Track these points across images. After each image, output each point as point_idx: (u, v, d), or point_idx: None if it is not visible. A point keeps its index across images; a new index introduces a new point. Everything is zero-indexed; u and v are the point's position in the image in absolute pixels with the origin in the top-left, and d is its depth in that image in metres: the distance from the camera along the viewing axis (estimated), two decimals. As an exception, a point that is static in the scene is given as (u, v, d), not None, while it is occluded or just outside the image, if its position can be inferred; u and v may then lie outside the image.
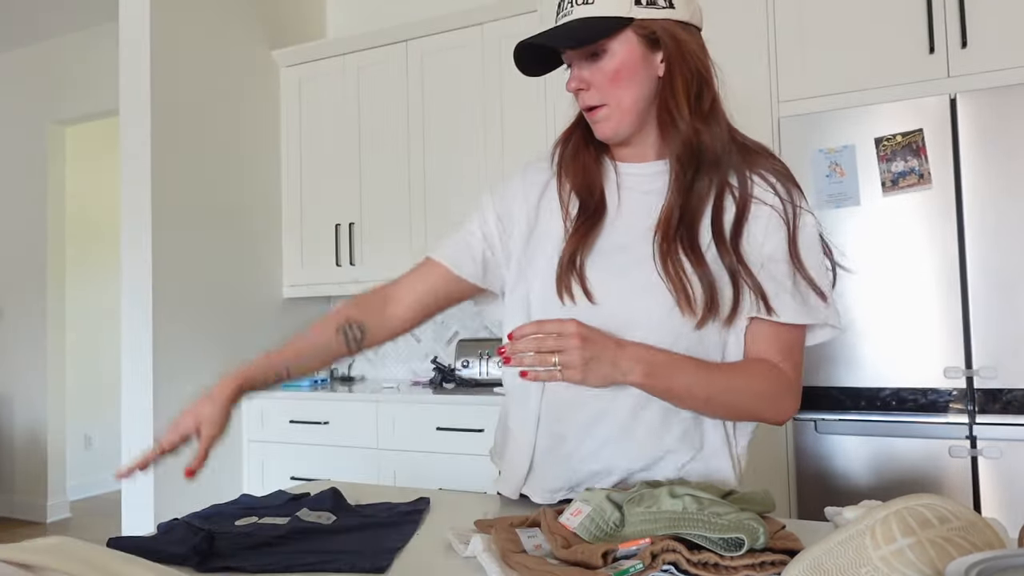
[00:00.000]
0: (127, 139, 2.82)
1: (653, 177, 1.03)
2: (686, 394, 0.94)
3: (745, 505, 0.81)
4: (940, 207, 2.03)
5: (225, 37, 3.12)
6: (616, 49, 0.96)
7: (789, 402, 1.01)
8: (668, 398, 0.95)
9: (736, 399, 0.97)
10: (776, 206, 0.99)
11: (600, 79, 0.97)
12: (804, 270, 0.99)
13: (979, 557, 0.48)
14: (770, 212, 0.98)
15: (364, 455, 2.86)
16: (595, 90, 0.98)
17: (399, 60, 3.13)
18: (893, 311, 2.07)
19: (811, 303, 0.99)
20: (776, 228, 0.98)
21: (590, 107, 0.99)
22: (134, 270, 2.78)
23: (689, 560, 0.69)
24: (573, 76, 0.99)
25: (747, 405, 0.99)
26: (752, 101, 2.35)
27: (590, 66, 0.98)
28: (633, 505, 0.78)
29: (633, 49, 0.97)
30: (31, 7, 4.10)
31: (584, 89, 0.99)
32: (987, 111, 1.99)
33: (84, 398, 4.87)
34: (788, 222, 0.98)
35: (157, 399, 2.74)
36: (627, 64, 0.97)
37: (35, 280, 4.48)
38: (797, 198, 1.00)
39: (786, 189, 1.00)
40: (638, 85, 0.98)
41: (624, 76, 0.97)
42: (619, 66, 0.96)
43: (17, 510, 4.50)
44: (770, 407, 1.00)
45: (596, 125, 1.00)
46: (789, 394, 1.01)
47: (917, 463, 2.02)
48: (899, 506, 0.58)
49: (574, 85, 0.99)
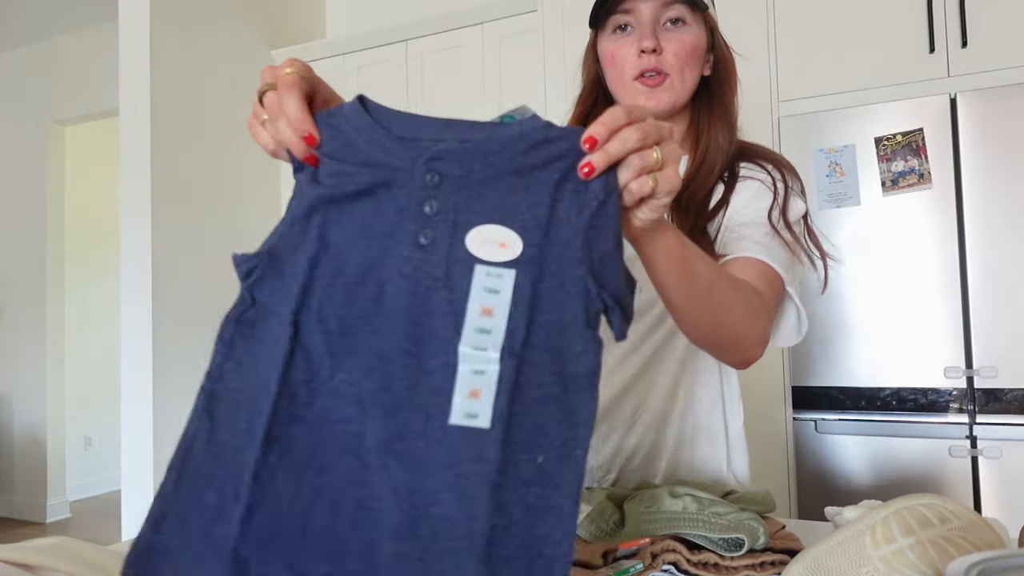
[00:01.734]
0: (127, 139, 2.82)
1: None
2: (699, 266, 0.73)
3: (745, 505, 0.81)
4: (940, 207, 2.03)
5: (225, 37, 3.12)
6: (696, 27, 0.96)
7: (765, 326, 0.86)
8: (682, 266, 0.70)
9: (733, 296, 0.79)
10: (764, 180, 0.97)
11: (678, 48, 0.94)
12: (788, 231, 0.93)
13: (979, 557, 0.48)
14: (757, 184, 0.96)
15: (364, 455, 2.85)
16: (669, 56, 0.94)
17: (399, 60, 3.13)
18: (893, 311, 2.07)
19: (773, 249, 0.91)
20: (761, 195, 0.95)
21: (659, 72, 0.94)
22: (134, 270, 2.78)
23: (689, 560, 0.69)
24: (648, 33, 0.93)
25: (739, 311, 0.81)
26: (752, 101, 2.35)
27: (667, 35, 0.94)
28: (633, 505, 0.78)
29: (704, 35, 0.98)
30: (31, 7, 4.10)
31: (659, 53, 0.94)
32: (987, 111, 1.99)
33: (84, 398, 4.87)
34: (775, 194, 0.95)
35: (157, 399, 2.73)
36: (701, 45, 0.97)
37: (35, 280, 4.48)
38: (790, 180, 0.97)
39: (779, 171, 0.98)
40: (699, 70, 0.98)
41: (696, 56, 0.96)
42: (697, 43, 0.96)
43: (17, 510, 4.50)
44: (753, 324, 0.83)
45: (655, 93, 0.94)
46: (766, 315, 0.87)
47: (917, 463, 2.02)
48: (899, 506, 0.58)
49: (650, 44, 0.93)
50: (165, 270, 2.80)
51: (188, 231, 2.91)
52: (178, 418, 2.79)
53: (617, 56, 0.96)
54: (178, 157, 2.88)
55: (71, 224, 4.73)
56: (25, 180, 4.55)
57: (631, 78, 0.95)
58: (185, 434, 0.55)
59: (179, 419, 2.66)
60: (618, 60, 0.96)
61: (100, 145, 4.98)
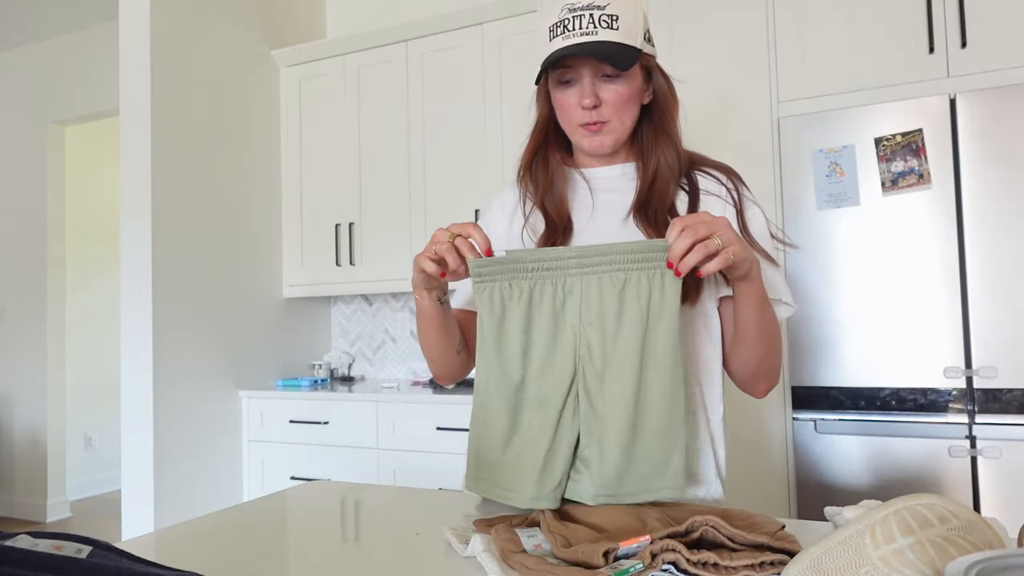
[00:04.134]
0: (127, 139, 2.82)
1: (619, 178, 1.16)
2: (769, 307, 1.02)
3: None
4: (940, 207, 2.03)
5: (225, 37, 3.12)
6: (630, 76, 1.08)
7: (780, 358, 1.11)
8: (756, 307, 1.01)
9: (774, 330, 1.05)
10: (720, 193, 1.11)
11: (614, 99, 1.08)
12: (756, 245, 1.08)
13: (979, 557, 0.48)
14: (715, 199, 1.11)
15: (364, 455, 2.86)
16: (607, 107, 1.08)
17: (399, 60, 3.13)
18: (893, 311, 2.07)
19: (768, 276, 1.06)
20: (723, 210, 1.10)
21: (598, 122, 1.08)
22: (134, 270, 2.79)
23: (689, 560, 0.69)
24: (588, 92, 1.07)
25: (775, 342, 1.06)
26: (752, 101, 2.35)
27: (605, 86, 1.07)
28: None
29: (638, 77, 1.10)
30: (31, 7, 4.11)
31: (598, 106, 1.08)
32: (987, 111, 1.99)
33: (84, 398, 4.88)
34: (735, 204, 1.10)
35: (157, 399, 2.74)
36: (635, 90, 1.10)
37: (35, 280, 4.48)
38: (741, 188, 1.12)
39: (730, 180, 1.13)
40: (636, 108, 1.11)
41: (632, 100, 1.10)
42: (632, 90, 1.09)
43: (17, 510, 4.50)
44: (779, 353, 1.08)
45: (596, 138, 1.10)
46: (781, 349, 1.10)
47: (917, 463, 2.02)
48: (899, 506, 0.58)
49: (590, 102, 1.07)
50: (165, 270, 2.80)
51: (188, 231, 2.91)
52: (178, 418, 2.80)
53: (564, 105, 1.11)
54: (178, 157, 2.88)
55: (71, 224, 4.73)
56: (25, 180, 4.55)
57: (576, 124, 1.10)
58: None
59: (179, 419, 2.69)
60: (565, 108, 1.11)
61: (100, 145, 4.99)
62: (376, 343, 3.53)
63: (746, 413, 2.29)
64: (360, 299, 3.58)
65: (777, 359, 1.09)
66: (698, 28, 2.43)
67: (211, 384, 2.97)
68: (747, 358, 1.07)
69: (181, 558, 0.85)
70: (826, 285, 2.15)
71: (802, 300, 2.17)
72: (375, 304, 3.54)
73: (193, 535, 0.96)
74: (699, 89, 2.39)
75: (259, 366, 3.21)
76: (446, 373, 1.19)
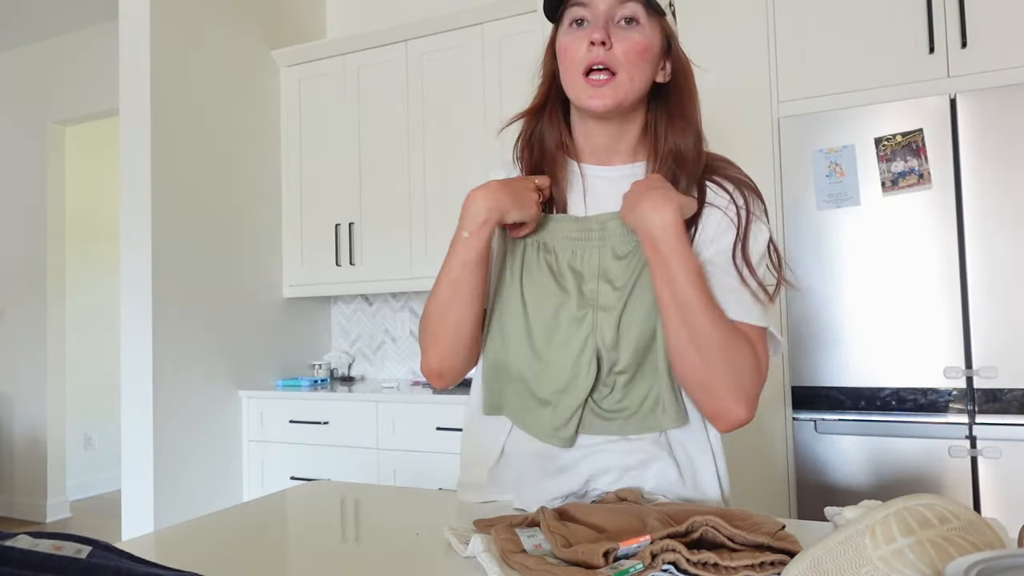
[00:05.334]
0: (127, 139, 2.82)
1: (621, 180, 1.02)
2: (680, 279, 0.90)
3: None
4: (940, 207, 2.03)
5: (225, 37, 3.12)
6: (650, 29, 0.96)
7: (754, 383, 0.93)
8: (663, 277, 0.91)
9: (714, 334, 0.90)
10: (728, 209, 0.98)
11: (628, 47, 0.95)
12: (751, 271, 0.96)
13: (979, 557, 0.48)
14: (720, 215, 0.98)
15: (364, 455, 2.86)
16: (618, 54, 0.94)
17: (399, 60, 3.13)
18: (893, 311, 2.07)
19: (747, 303, 0.94)
20: (726, 229, 0.97)
21: (606, 69, 0.95)
22: (134, 270, 2.79)
23: (689, 560, 0.69)
24: (600, 26, 0.94)
25: (718, 354, 0.90)
26: (752, 101, 2.35)
27: (621, 32, 0.95)
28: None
29: (660, 38, 0.98)
30: (31, 7, 4.11)
31: (608, 47, 0.94)
32: (987, 111, 1.99)
33: (84, 398, 4.88)
34: (739, 225, 0.97)
35: (157, 399, 2.74)
36: (653, 47, 0.97)
37: (35, 280, 4.48)
38: (753, 205, 0.99)
39: (742, 195, 0.99)
40: (650, 72, 0.98)
41: (648, 57, 0.96)
42: (649, 44, 0.96)
43: (17, 510, 4.50)
44: (735, 377, 0.91)
45: (601, 90, 0.95)
46: (756, 375, 0.93)
47: (917, 463, 2.02)
48: (899, 506, 0.58)
49: (600, 35, 0.93)
50: (165, 270, 2.80)
51: (188, 231, 2.91)
52: (178, 418, 2.80)
53: (570, 49, 0.97)
54: (178, 157, 2.89)
55: (71, 224, 4.73)
56: (25, 180, 4.55)
57: (580, 73, 0.96)
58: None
59: (179, 419, 2.70)
60: (570, 53, 0.97)
61: (100, 145, 4.99)
62: (376, 343, 3.53)
63: (746, 413, 2.28)
64: (360, 299, 3.58)
65: (724, 366, 0.90)
66: (698, 28, 2.43)
67: (211, 384, 2.97)
68: (678, 370, 0.94)
69: (181, 558, 0.85)
70: (826, 285, 2.15)
71: (802, 300, 2.18)
72: (375, 304, 3.54)
73: (193, 535, 0.96)
74: (699, 89, 2.39)
75: (259, 366, 3.21)
76: (456, 354, 1.03)
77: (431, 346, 1.03)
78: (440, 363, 1.04)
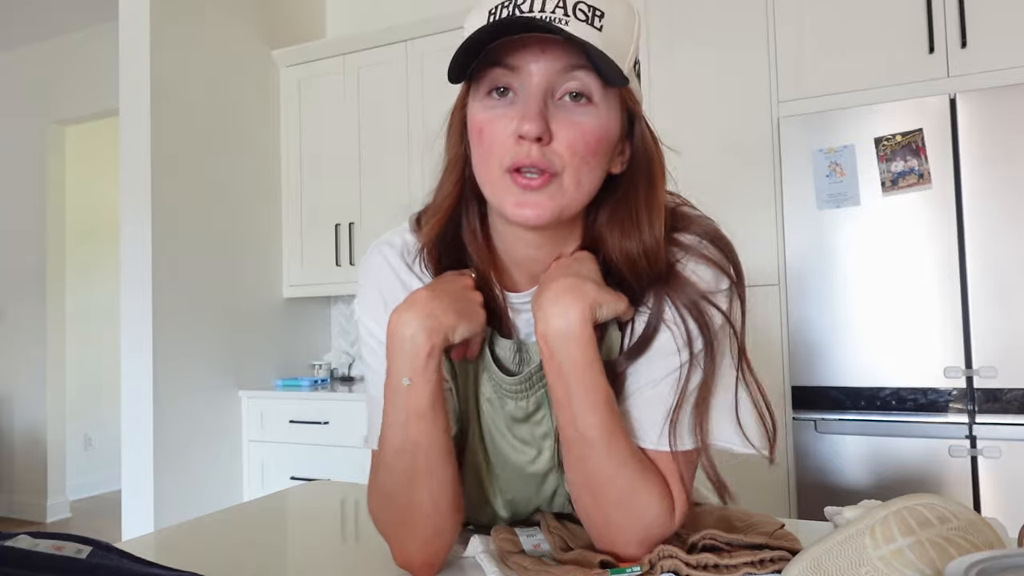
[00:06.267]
0: (127, 139, 2.82)
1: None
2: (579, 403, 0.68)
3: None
4: (940, 207, 2.03)
5: (225, 37, 3.12)
6: (605, 109, 0.67)
7: (663, 529, 0.71)
8: (559, 394, 0.69)
9: (615, 481, 0.69)
10: (679, 335, 0.71)
11: (574, 139, 0.65)
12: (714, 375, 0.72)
13: (979, 557, 0.48)
14: (672, 345, 0.71)
15: (364, 455, 2.85)
16: (560, 147, 0.65)
17: (399, 60, 3.13)
18: (893, 311, 2.07)
19: (680, 431, 0.71)
20: (668, 371, 0.72)
21: (540, 167, 0.65)
22: (134, 270, 2.79)
23: (688, 564, 0.69)
24: (535, 112, 0.64)
25: (618, 506, 0.70)
26: (752, 101, 2.35)
27: (562, 115, 0.66)
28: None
29: (619, 118, 0.69)
30: (31, 7, 4.11)
31: (545, 142, 0.65)
32: (987, 111, 1.99)
33: (84, 398, 4.88)
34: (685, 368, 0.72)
35: (157, 399, 2.74)
36: (610, 134, 0.68)
37: (35, 280, 4.48)
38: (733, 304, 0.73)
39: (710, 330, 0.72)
40: (602, 169, 0.69)
41: (601, 150, 0.67)
42: (604, 133, 0.67)
43: (17, 510, 4.50)
44: (635, 527, 0.70)
45: (535, 197, 0.66)
46: (667, 520, 0.71)
47: (917, 463, 2.02)
48: (899, 506, 0.58)
49: (535, 128, 0.63)
50: (165, 270, 2.80)
51: (188, 231, 2.91)
52: (178, 418, 2.79)
53: (487, 132, 0.67)
54: (178, 157, 2.88)
55: (71, 224, 4.73)
56: (25, 180, 4.55)
57: (502, 169, 0.66)
58: None
59: (179, 419, 2.69)
60: (487, 138, 0.67)
61: (100, 145, 4.98)
62: (376, 343, 3.53)
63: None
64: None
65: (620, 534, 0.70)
66: (698, 28, 2.43)
67: (211, 384, 2.97)
68: (574, 504, 0.74)
69: (181, 558, 0.85)
70: (826, 285, 2.15)
71: (802, 300, 2.18)
72: (375, 304, 3.54)
73: (193, 535, 0.96)
74: (699, 89, 2.39)
75: (259, 366, 3.21)
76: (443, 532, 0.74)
77: (407, 538, 0.74)
78: (424, 551, 0.74)
